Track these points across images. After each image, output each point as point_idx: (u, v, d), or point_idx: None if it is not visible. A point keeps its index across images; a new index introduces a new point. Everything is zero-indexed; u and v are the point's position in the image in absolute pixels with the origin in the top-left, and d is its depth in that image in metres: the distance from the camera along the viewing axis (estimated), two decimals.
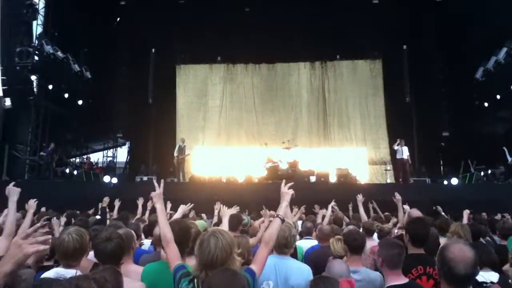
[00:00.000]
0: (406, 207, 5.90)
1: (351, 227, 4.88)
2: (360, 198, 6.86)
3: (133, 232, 3.82)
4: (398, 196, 5.97)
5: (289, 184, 3.33)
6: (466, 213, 6.02)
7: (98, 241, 2.93)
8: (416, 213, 5.04)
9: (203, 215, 7.48)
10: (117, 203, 7.71)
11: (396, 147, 15.26)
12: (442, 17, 19.77)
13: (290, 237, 3.45)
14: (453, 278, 2.28)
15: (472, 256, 2.29)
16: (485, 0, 17.68)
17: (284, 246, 3.42)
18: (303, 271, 3.42)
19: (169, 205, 6.68)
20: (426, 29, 20.11)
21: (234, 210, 4.88)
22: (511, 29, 15.48)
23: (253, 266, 2.71)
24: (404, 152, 15.09)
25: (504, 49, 15.52)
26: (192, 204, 5.12)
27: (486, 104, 17.47)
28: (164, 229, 2.98)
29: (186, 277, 2.63)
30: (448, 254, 2.31)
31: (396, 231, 5.66)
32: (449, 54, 19.86)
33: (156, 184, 3.26)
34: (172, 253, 2.89)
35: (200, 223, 4.83)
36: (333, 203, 7.00)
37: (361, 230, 4.98)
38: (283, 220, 3.07)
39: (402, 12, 18.72)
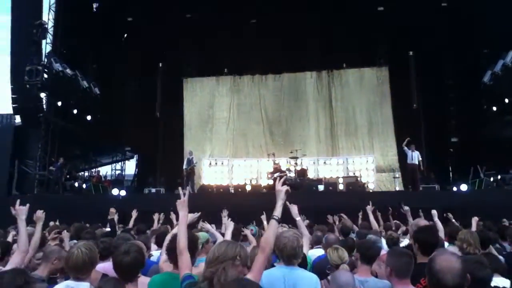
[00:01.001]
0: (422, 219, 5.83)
1: (373, 236, 4.84)
2: (369, 207, 6.81)
3: (142, 244, 3.85)
4: (406, 208, 5.94)
5: (282, 179, 3.26)
6: (474, 220, 5.98)
7: (116, 253, 3.01)
8: (423, 222, 5.02)
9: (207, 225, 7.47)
10: (134, 214, 7.78)
11: (405, 148, 14.86)
12: (448, 22, 19.77)
13: (298, 248, 3.42)
14: None
15: (459, 266, 2.28)
16: (491, 4, 17.65)
17: (292, 256, 3.36)
18: (312, 281, 3.41)
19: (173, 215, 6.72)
20: (431, 35, 20.09)
21: (225, 213, 4.88)
22: None
23: (249, 275, 2.69)
24: (415, 157, 14.76)
25: (511, 53, 15.42)
26: (199, 213, 5.14)
27: (494, 108, 17.36)
28: (181, 237, 3.02)
29: (191, 287, 2.66)
30: (435, 265, 2.30)
31: (407, 240, 5.62)
32: (456, 59, 19.82)
33: (181, 193, 3.33)
34: (184, 262, 2.92)
35: (201, 235, 4.85)
36: (370, 207, 6.84)
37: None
38: (279, 221, 3.01)
39: (407, 18, 18.74)
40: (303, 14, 19.46)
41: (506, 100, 16.48)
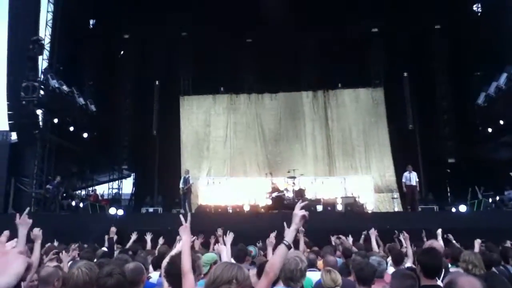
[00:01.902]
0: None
1: (376, 258, 4.78)
2: (373, 231, 6.93)
3: (142, 265, 3.79)
4: (405, 234, 5.94)
5: (304, 203, 3.05)
6: (477, 242, 5.96)
7: (99, 275, 2.95)
8: (436, 244, 4.99)
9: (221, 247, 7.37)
10: (134, 236, 7.71)
11: (405, 174, 15.16)
12: (442, 43, 20.07)
13: (296, 271, 3.35)
14: None
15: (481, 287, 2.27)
16: (485, 26, 17.99)
17: (290, 279, 3.32)
18: None
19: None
20: (426, 56, 20.41)
21: (230, 237, 4.82)
22: (510, 54, 15.63)
23: None
24: (413, 178, 14.98)
25: (505, 75, 15.63)
26: (195, 237, 5.08)
27: (489, 130, 17.49)
28: (185, 260, 3.07)
29: None
30: None
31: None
32: (450, 80, 20.08)
33: (182, 219, 3.41)
34: (187, 284, 2.96)
35: (209, 256, 4.78)
36: (373, 230, 6.86)
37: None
38: (289, 247, 2.88)
39: (401, 40, 19.00)
40: (299, 33, 19.70)
41: (501, 122, 16.61)
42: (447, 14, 19.29)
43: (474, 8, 19.92)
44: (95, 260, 4.88)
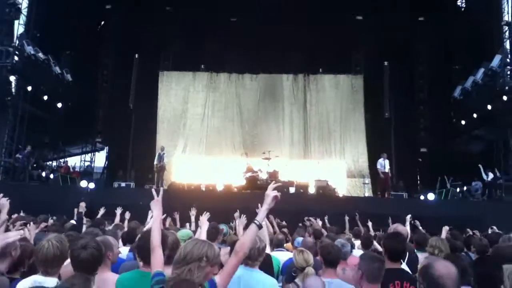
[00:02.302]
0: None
1: (341, 240, 4.88)
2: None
3: (111, 239, 3.75)
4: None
5: (276, 185, 3.07)
6: (445, 229, 6.14)
7: (73, 248, 2.90)
8: (401, 228, 5.12)
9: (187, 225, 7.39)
10: (101, 211, 7.61)
11: (380, 161, 15.49)
12: (424, 36, 20.25)
13: (254, 250, 3.38)
14: None
15: (456, 272, 2.36)
16: (467, 22, 18.22)
17: (248, 258, 3.32)
18: (267, 285, 3.41)
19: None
20: (407, 47, 20.58)
21: (205, 216, 4.83)
22: (489, 50, 15.92)
23: (217, 277, 2.67)
24: (386, 166, 15.37)
25: (482, 70, 15.93)
26: (165, 215, 5.06)
27: (463, 122, 17.89)
28: (155, 234, 2.99)
29: (158, 284, 2.62)
30: (435, 272, 2.35)
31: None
32: (429, 72, 20.35)
33: (154, 193, 3.28)
34: (156, 259, 2.88)
35: (184, 232, 4.79)
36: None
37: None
38: (260, 227, 2.92)
39: (384, 29, 19.08)
40: (283, 16, 19.51)
41: (475, 115, 17.00)
42: (432, 7, 19.40)
43: (459, 3, 20.16)
44: (63, 233, 4.81)
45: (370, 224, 7.76)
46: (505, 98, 14.71)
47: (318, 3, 18.86)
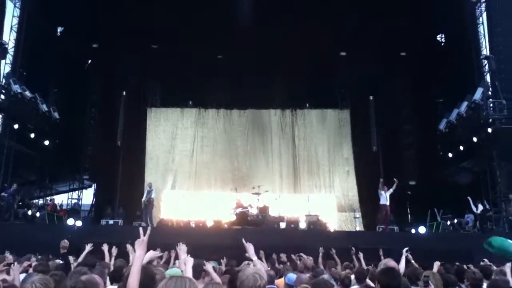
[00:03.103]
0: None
1: (325, 276, 4.81)
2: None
3: (97, 278, 3.65)
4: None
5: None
6: (436, 264, 6.09)
7: None
8: (392, 263, 5.06)
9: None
10: (88, 248, 7.40)
11: (381, 192, 15.28)
12: (407, 70, 20.75)
13: None
14: None
15: None
16: (447, 56, 18.75)
17: None
18: None
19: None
20: (392, 81, 21.02)
21: (183, 253, 4.69)
22: (472, 83, 16.30)
23: None
24: (388, 198, 15.25)
25: (465, 103, 16.24)
26: (159, 251, 4.93)
27: (450, 155, 18.07)
28: (133, 278, 2.91)
29: None
30: None
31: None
32: (414, 106, 20.74)
33: (141, 232, 3.20)
34: None
35: (173, 270, 4.66)
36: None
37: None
38: None
39: (368, 65, 19.51)
40: (270, 52, 19.89)
41: (461, 148, 17.20)
42: (413, 43, 19.97)
43: (438, 38, 20.79)
44: (50, 273, 4.67)
45: (361, 255, 7.67)
46: (489, 130, 14.95)
47: (303, 39, 19.30)
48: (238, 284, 3.08)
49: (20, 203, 15.55)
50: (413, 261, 7.45)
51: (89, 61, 21.96)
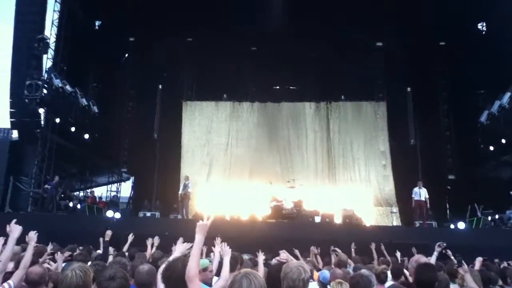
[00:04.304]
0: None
1: (365, 271, 4.76)
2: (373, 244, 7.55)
3: (155, 268, 3.75)
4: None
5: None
6: (478, 260, 5.91)
7: (101, 279, 2.86)
8: (423, 259, 4.96)
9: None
10: (130, 238, 7.60)
11: (415, 189, 15.24)
12: (446, 60, 20.11)
13: (299, 281, 3.30)
14: None
15: None
16: (489, 45, 18.03)
17: None
18: None
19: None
20: (430, 72, 20.46)
21: (219, 246, 4.72)
22: None
23: None
24: (422, 194, 15.11)
25: (508, 94, 15.61)
26: (191, 244, 5.00)
27: (491, 148, 17.44)
28: (193, 263, 2.90)
29: None
30: None
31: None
32: (454, 97, 20.08)
33: (205, 216, 3.22)
34: None
35: (201, 261, 4.72)
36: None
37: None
38: None
39: (406, 55, 19.05)
40: (304, 44, 19.73)
41: (503, 141, 16.57)
42: (452, 31, 19.31)
43: (479, 26, 20.00)
44: (89, 262, 4.83)
45: (398, 254, 7.54)
46: None
47: (339, 30, 19.01)
48: (282, 276, 3.09)
49: (62, 195, 16.08)
50: (452, 257, 7.28)
51: (126, 55, 22.42)
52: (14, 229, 3.99)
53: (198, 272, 2.88)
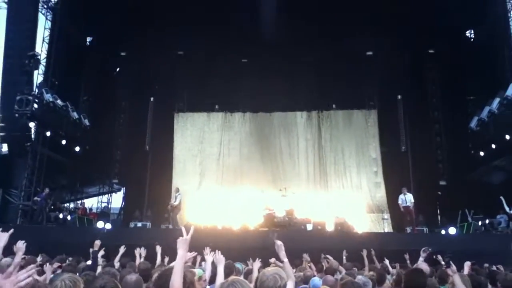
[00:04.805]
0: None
1: (362, 278, 4.79)
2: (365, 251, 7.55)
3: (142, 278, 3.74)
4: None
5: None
6: (467, 264, 5.94)
7: None
8: (425, 267, 5.01)
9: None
10: (121, 250, 7.54)
11: (401, 196, 15.38)
12: (436, 68, 20.33)
13: None
14: None
15: None
16: (477, 52, 18.28)
17: None
18: None
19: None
20: (420, 79, 20.64)
21: (212, 255, 4.71)
22: (504, 79, 15.85)
23: None
24: (408, 200, 15.19)
25: (497, 99, 15.80)
26: (195, 253, 5.00)
27: (482, 153, 17.60)
28: (176, 277, 2.89)
29: None
30: None
31: None
32: (444, 104, 20.28)
33: (184, 230, 3.18)
34: None
35: (197, 271, 4.71)
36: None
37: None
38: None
39: (396, 63, 19.22)
40: (294, 55, 19.88)
41: (493, 146, 16.73)
42: (441, 39, 19.54)
43: (467, 34, 20.30)
44: (78, 274, 4.79)
45: (387, 262, 7.56)
46: None
47: (328, 40, 19.18)
48: (258, 285, 3.09)
49: (52, 207, 16.02)
50: (443, 263, 7.30)
51: (118, 69, 22.48)
52: (0, 238, 3.93)
53: (183, 285, 2.87)
